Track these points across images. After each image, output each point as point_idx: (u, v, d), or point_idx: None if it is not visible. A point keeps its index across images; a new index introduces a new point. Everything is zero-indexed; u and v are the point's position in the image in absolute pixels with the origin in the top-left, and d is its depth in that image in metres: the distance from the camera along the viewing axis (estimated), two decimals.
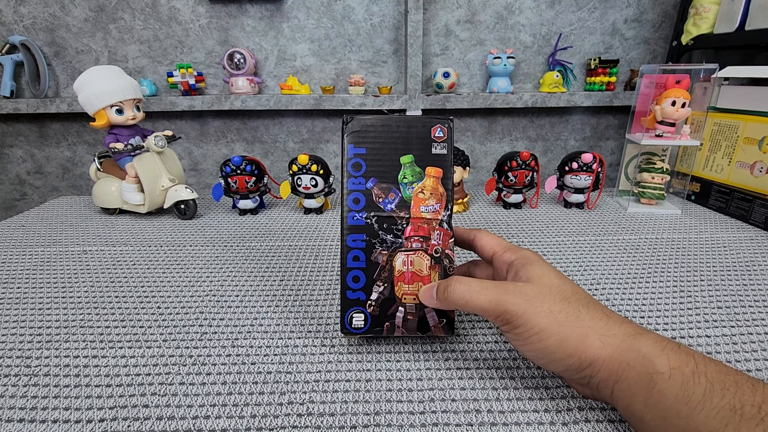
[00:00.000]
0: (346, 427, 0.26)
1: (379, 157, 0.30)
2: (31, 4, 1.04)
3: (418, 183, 0.30)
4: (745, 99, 0.62)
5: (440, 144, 0.30)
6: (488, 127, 1.19)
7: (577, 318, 0.25)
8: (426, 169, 0.30)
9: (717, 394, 0.20)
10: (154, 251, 0.53)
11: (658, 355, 0.23)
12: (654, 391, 0.22)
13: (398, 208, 0.30)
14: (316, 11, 1.06)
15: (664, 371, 0.22)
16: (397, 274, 0.31)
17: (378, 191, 0.30)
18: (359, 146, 0.30)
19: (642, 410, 0.22)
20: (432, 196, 0.30)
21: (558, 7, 1.06)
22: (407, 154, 0.30)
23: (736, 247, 0.52)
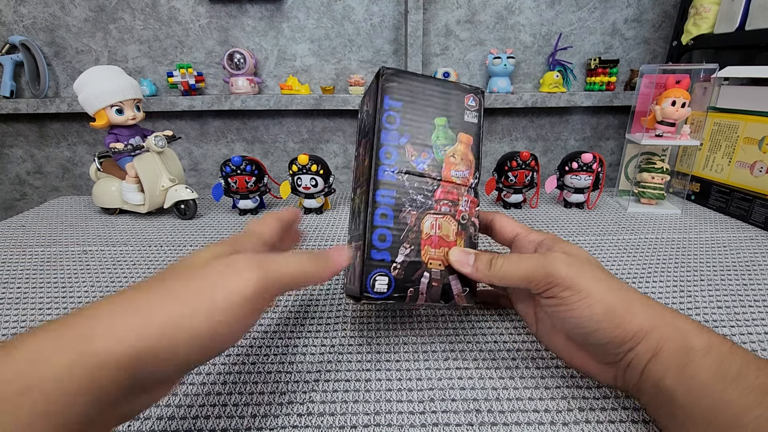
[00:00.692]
0: (346, 427, 0.26)
1: (415, 114, 0.30)
2: (31, 4, 1.04)
3: (450, 147, 0.30)
4: (745, 99, 0.62)
5: (472, 112, 0.31)
6: (488, 127, 1.19)
7: (620, 288, 0.25)
8: (458, 135, 0.30)
9: (752, 373, 0.20)
10: (154, 251, 0.53)
11: (697, 332, 0.23)
12: (690, 366, 0.22)
13: (430, 169, 0.30)
14: (316, 11, 1.06)
15: (701, 347, 0.22)
16: (425, 237, 0.29)
17: (411, 149, 0.29)
18: (395, 99, 0.29)
19: (674, 384, 0.22)
20: (462, 162, 0.30)
21: (558, 7, 1.06)
22: (442, 116, 0.30)
23: (736, 247, 0.52)
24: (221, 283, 0.20)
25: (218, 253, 0.23)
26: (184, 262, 0.23)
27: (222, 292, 0.20)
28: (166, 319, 0.18)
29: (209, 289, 0.20)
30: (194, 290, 0.20)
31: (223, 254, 0.23)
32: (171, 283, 0.20)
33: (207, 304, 0.20)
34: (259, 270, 0.21)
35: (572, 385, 0.29)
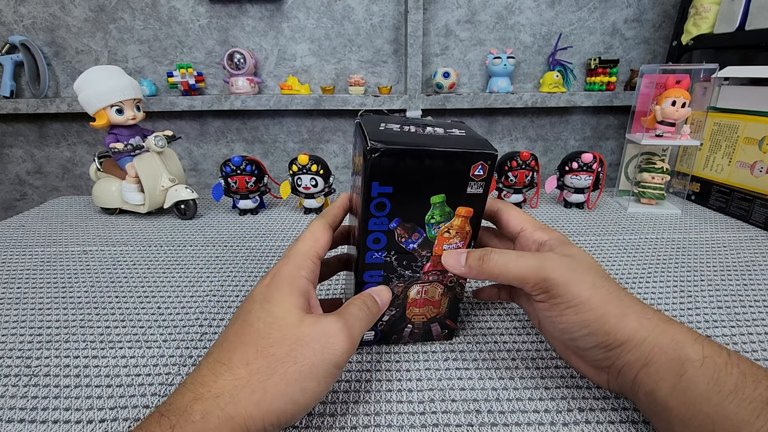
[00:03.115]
0: (347, 428, 0.26)
1: (407, 195, 0.26)
2: (31, 4, 1.04)
3: (446, 223, 0.27)
4: (745, 99, 0.62)
5: (477, 183, 0.26)
6: (488, 127, 1.19)
7: (618, 296, 0.25)
8: (456, 209, 0.27)
9: (749, 385, 0.20)
10: (154, 251, 0.53)
11: (692, 343, 0.22)
12: (684, 378, 0.21)
13: (420, 248, 0.28)
14: (316, 11, 1.06)
15: (696, 358, 0.22)
16: (410, 301, 0.31)
17: (401, 231, 0.27)
18: (385, 185, 0.25)
19: (668, 396, 0.22)
20: (457, 235, 0.28)
21: (558, 7, 1.06)
22: (439, 193, 0.26)
23: (737, 247, 0.52)
24: (322, 358, 0.22)
25: (300, 307, 0.24)
26: (272, 319, 0.23)
27: (324, 368, 0.22)
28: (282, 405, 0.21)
29: (313, 371, 0.22)
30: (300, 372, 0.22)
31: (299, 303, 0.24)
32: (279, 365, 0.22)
33: (312, 385, 0.22)
34: (349, 339, 0.23)
35: (572, 386, 0.29)
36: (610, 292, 0.25)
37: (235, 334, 0.23)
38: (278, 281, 0.25)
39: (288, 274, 0.25)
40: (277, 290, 0.24)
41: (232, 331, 0.24)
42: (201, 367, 0.22)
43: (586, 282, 0.25)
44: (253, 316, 0.23)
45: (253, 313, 0.24)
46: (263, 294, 0.24)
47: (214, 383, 0.21)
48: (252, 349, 0.22)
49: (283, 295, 0.24)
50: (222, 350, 0.23)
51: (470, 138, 0.26)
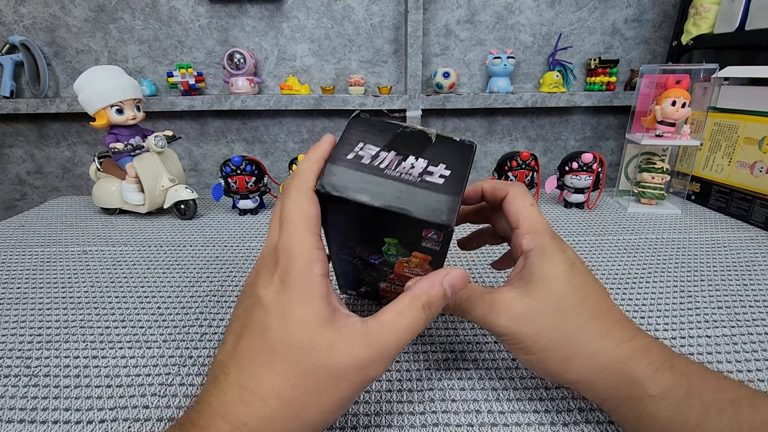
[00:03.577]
0: (347, 428, 0.26)
1: (363, 229, 0.25)
2: (31, 4, 1.04)
3: (403, 257, 0.26)
4: (745, 99, 0.62)
5: (433, 242, 0.23)
6: (488, 127, 1.19)
7: (567, 337, 0.23)
8: (413, 253, 0.25)
9: (713, 416, 0.20)
10: (154, 251, 0.53)
11: (649, 377, 0.21)
12: (644, 414, 0.21)
13: (381, 265, 0.28)
14: (316, 11, 1.06)
15: (654, 394, 0.21)
16: (380, 288, 0.33)
17: (361, 249, 0.27)
18: (338, 216, 0.24)
19: (634, 429, 0.22)
20: (417, 267, 0.26)
21: (558, 7, 1.06)
22: (393, 237, 0.24)
23: (737, 247, 0.52)
24: (360, 385, 0.21)
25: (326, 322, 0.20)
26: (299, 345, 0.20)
27: (360, 390, 0.21)
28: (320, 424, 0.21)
29: (351, 396, 0.21)
30: (338, 401, 0.20)
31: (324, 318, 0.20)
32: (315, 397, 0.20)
33: (349, 404, 0.21)
34: (387, 361, 0.21)
35: None
36: (557, 334, 0.23)
37: (255, 353, 0.20)
38: (293, 290, 0.20)
39: (301, 277, 0.21)
40: (296, 303, 0.20)
41: (251, 347, 0.20)
42: (224, 389, 0.20)
43: (529, 330, 0.24)
44: (274, 335, 0.20)
45: (272, 332, 0.20)
46: (279, 306, 0.20)
47: (248, 416, 0.19)
48: (282, 379, 0.20)
49: (305, 311, 0.20)
50: (244, 373, 0.20)
51: (439, 193, 0.22)
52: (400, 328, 0.21)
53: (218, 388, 0.20)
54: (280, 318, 0.20)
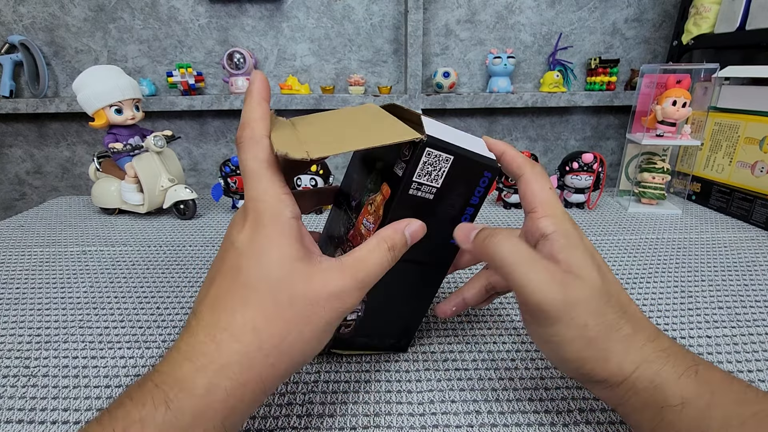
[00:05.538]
0: (346, 428, 0.26)
1: (363, 160, 0.29)
2: (30, 4, 1.03)
3: (374, 194, 0.26)
4: (745, 99, 0.62)
5: (401, 163, 0.24)
6: (488, 127, 1.19)
7: (606, 337, 0.22)
8: (383, 185, 0.26)
9: (734, 429, 0.19)
10: (154, 251, 0.52)
11: (672, 385, 0.21)
12: (664, 423, 0.21)
13: (354, 210, 0.28)
14: (316, 11, 1.06)
15: (675, 404, 0.20)
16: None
17: (355, 187, 0.29)
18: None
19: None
20: (374, 213, 0.26)
21: (558, 7, 1.06)
22: (381, 161, 0.27)
23: (737, 247, 0.52)
24: (336, 315, 0.21)
25: (301, 259, 0.21)
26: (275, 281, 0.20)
27: (337, 320, 0.21)
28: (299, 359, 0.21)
29: (328, 327, 0.21)
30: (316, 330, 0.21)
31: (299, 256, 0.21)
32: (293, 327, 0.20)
33: (327, 335, 0.21)
34: (362, 291, 0.22)
35: (572, 386, 0.29)
36: (599, 332, 0.22)
37: (228, 292, 0.20)
38: (265, 231, 0.21)
39: (273, 220, 0.21)
40: (268, 242, 0.20)
41: (224, 287, 0.21)
42: (195, 332, 0.20)
43: (578, 322, 0.22)
44: (248, 272, 0.20)
45: (247, 269, 0.20)
46: (253, 247, 0.21)
47: (218, 353, 0.19)
48: (258, 314, 0.20)
49: (279, 249, 0.20)
50: (217, 313, 0.20)
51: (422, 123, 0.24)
52: (371, 262, 0.22)
53: (189, 333, 0.20)
54: (254, 257, 0.21)
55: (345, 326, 0.29)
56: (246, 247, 0.21)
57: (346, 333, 0.30)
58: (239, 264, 0.21)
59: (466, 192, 0.26)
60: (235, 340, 0.19)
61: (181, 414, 0.17)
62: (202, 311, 0.20)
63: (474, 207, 0.27)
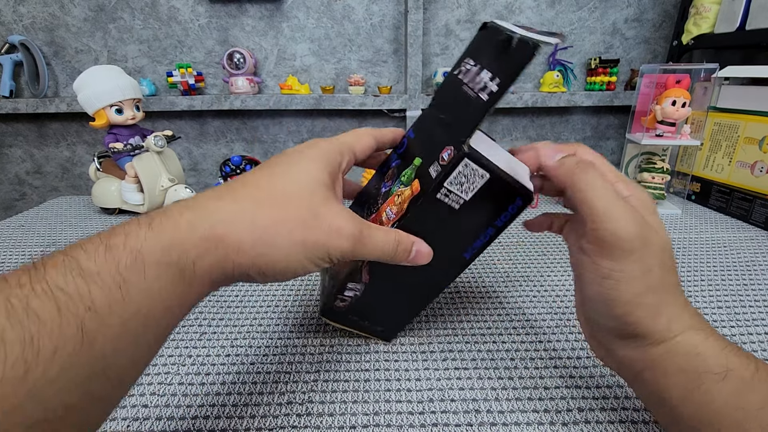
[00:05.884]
0: (346, 428, 0.26)
1: (412, 150, 0.29)
2: (30, 4, 1.03)
3: (404, 187, 0.27)
4: (745, 99, 0.62)
5: (437, 166, 0.25)
6: (488, 126, 1.19)
7: (665, 291, 0.22)
8: (414, 182, 0.27)
9: None
10: None
11: (716, 354, 0.20)
12: (700, 391, 0.20)
13: (382, 197, 0.29)
14: (316, 11, 1.06)
15: (717, 372, 0.20)
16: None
17: (391, 173, 0.30)
18: (412, 130, 0.31)
19: (680, 403, 0.21)
20: (398, 205, 0.27)
21: (558, 7, 1.06)
22: (420, 157, 0.28)
23: (737, 247, 0.52)
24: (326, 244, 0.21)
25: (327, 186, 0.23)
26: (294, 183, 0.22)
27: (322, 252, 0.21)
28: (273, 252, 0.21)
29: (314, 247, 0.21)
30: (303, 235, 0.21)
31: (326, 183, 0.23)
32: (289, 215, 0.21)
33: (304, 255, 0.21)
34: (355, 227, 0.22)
35: (572, 386, 0.29)
36: (660, 284, 0.22)
37: (244, 183, 0.22)
38: (311, 153, 0.24)
39: (325, 149, 0.24)
40: (306, 160, 0.23)
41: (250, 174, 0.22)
42: (194, 197, 0.21)
43: (646, 264, 0.21)
44: (272, 172, 0.22)
45: (273, 172, 0.22)
46: (290, 160, 0.23)
47: (208, 204, 0.20)
48: (264, 194, 0.21)
49: (314, 166, 0.23)
50: (222, 189, 0.21)
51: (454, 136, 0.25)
52: (378, 239, 0.24)
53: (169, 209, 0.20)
54: (286, 164, 0.23)
55: (341, 300, 0.30)
56: (284, 158, 0.23)
57: (341, 306, 0.30)
58: (270, 170, 0.23)
59: (494, 212, 0.26)
60: (231, 203, 0.20)
61: (162, 234, 0.18)
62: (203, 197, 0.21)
63: (496, 228, 0.27)
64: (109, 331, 0.16)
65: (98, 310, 0.16)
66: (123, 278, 0.17)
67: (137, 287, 0.17)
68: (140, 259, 0.17)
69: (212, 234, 0.19)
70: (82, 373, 0.15)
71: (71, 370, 0.15)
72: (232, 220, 0.20)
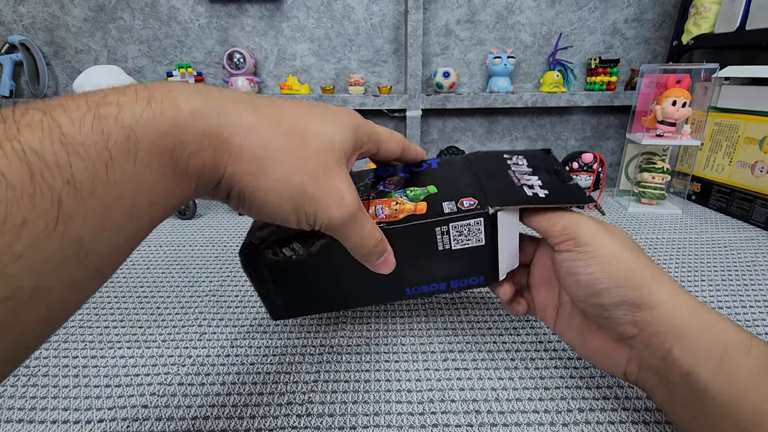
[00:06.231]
0: (346, 428, 0.26)
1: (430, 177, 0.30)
2: (30, 4, 1.03)
3: (406, 200, 0.28)
4: (745, 99, 0.62)
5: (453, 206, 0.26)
6: (488, 126, 1.19)
7: (649, 263, 0.24)
8: (419, 201, 0.27)
9: None
10: (154, 251, 0.52)
11: (734, 329, 0.20)
12: (728, 362, 0.19)
13: (378, 194, 0.29)
14: (316, 11, 1.06)
15: (742, 344, 0.19)
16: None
17: (393, 181, 0.30)
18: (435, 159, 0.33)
19: (710, 379, 0.19)
20: (393, 213, 0.27)
21: (558, 7, 1.06)
22: (434, 186, 0.29)
23: (737, 247, 0.52)
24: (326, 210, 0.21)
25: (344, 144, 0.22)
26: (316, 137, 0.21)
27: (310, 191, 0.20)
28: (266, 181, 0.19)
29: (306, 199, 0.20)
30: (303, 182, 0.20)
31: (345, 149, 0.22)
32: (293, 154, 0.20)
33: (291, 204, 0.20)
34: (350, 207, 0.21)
35: (572, 386, 0.29)
36: (641, 256, 0.24)
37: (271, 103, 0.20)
38: (346, 119, 0.23)
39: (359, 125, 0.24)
40: (340, 121, 0.22)
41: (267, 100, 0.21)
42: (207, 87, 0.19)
43: (616, 240, 0.24)
44: (303, 110, 0.21)
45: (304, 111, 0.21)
46: (325, 110, 0.22)
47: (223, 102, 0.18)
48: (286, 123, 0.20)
49: (344, 131, 0.22)
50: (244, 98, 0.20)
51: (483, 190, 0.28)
52: (367, 224, 0.23)
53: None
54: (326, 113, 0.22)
55: (274, 254, 0.27)
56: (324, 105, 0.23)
57: (269, 258, 0.27)
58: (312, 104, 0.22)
59: (458, 273, 0.28)
60: (253, 113, 0.19)
61: (161, 116, 0.16)
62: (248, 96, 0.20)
63: (448, 287, 0.29)
64: (89, 213, 0.14)
65: (78, 186, 0.13)
66: (111, 156, 0.14)
67: (124, 170, 0.15)
68: (133, 139, 0.15)
69: (217, 132, 0.17)
70: (55, 255, 0.13)
71: (42, 249, 0.13)
72: (243, 127, 0.18)
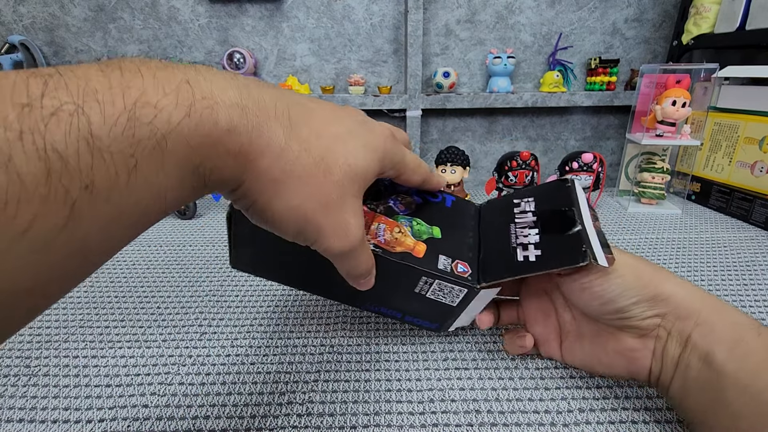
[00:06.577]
0: (346, 427, 0.26)
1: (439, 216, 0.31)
2: (30, 4, 1.04)
3: (409, 232, 0.28)
4: (745, 99, 0.62)
5: (449, 263, 0.28)
6: (488, 126, 1.19)
7: (649, 263, 0.25)
8: (419, 241, 0.28)
9: None
10: (154, 251, 0.52)
11: (741, 314, 0.21)
12: (742, 343, 0.20)
13: (385, 210, 0.29)
14: (316, 11, 1.06)
15: (753, 328, 0.20)
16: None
17: (405, 202, 0.30)
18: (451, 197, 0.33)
19: (725, 360, 0.20)
20: (393, 241, 0.27)
21: (558, 7, 1.06)
22: (438, 227, 0.30)
23: (737, 247, 0.52)
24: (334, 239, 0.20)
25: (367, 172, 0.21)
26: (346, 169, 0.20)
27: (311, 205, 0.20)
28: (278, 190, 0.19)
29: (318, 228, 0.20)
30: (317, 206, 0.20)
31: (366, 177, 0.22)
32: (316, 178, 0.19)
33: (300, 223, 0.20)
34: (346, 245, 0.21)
35: (572, 386, 0.29)
36: (640, 258, 0.25)
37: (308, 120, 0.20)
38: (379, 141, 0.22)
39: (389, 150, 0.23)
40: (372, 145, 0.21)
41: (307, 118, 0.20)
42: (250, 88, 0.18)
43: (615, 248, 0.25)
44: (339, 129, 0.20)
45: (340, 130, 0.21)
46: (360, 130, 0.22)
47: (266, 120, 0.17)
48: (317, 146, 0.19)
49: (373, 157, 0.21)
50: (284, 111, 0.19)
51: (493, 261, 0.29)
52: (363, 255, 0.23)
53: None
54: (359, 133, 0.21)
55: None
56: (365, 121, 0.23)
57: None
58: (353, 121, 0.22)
59: (419, 311, 0.30)
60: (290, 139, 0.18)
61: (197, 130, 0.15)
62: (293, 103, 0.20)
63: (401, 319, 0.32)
64: (101, 216, 0.13)
65: (95, 192, 0.13)
66: (136, 164, 0.14)
67: (146, 180, 0.14)
68: (161, 149, 0.14)
69: (246, 151, 0.17)
70: (59, 252, 0.13)
71: (47, 246, 0.12)
72: (273, 150, 0.17)
